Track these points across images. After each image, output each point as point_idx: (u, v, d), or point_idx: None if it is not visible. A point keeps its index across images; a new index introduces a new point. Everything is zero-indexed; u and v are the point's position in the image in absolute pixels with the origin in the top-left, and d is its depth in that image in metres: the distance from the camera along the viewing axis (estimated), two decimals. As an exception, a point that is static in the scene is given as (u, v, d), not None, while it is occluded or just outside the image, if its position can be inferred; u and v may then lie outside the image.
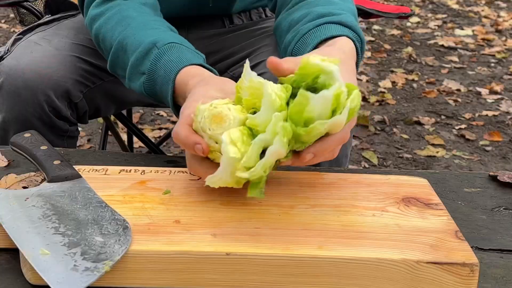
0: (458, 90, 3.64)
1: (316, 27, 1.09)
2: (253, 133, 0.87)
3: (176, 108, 1.07)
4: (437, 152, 2.92)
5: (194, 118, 0.91)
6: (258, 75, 1.32)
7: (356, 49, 1.06)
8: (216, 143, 0.89)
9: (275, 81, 0.90)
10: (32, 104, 1.25)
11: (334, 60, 0.85)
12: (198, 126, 0.90)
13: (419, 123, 3.22)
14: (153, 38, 1.12)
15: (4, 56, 1.31)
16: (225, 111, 0.88)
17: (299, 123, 0.84)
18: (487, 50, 4.38)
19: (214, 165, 0.89)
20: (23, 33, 1.40)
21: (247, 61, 0.92)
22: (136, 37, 1.13)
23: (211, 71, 1.09)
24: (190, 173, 0.99)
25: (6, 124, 1.27)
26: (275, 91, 0.85)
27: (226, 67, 1.45)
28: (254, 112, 0.88)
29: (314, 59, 0.85)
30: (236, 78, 1.00)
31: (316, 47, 1.07)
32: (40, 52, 1.27)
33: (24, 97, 1.24)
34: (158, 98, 1.12)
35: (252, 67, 1.36)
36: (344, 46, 1.04)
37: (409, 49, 4.33)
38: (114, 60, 1.17)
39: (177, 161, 1.13)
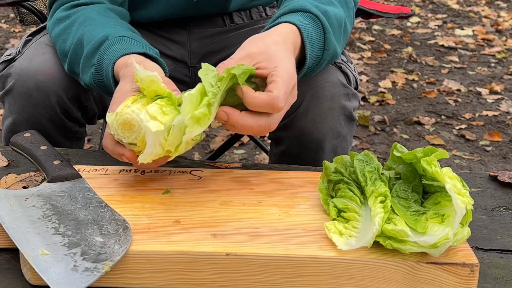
0: (458, 90, 3.64)
1: (274, 20, 1.12)
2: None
3: None
4: (437, 152, 2.90)
5: (110, 132, 0.95)
6: None
7: (299, 28, 1.07)
8: (135, 144, 0.94)
9: None
10: (44, 105, 1.24)
11: (469, 199, 0.83)
12: (116, 138, 0.95)
13: (419, 123, 3.22)
14: (107, 32, 1.14)
15: (16, 58, 1.30)
16: (130, 116, 0.92)
17: None
18: (487, 50, 4.37)
19: (125, 149, 0.95)
20: (32, 35, 1.39)
21: (133, 59, 0.98)
22: (92, 33, 1.16)
23: (156, 60, 1.11)
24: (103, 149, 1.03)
25: (17, 126, 1.26)
26: (157, 123, 0.90)
27: (229, 66, 1.45)
28: (157, 99, 0.94)
29: (448, 185, 0.83)
30: None
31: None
32: (52, 53, 1.27)
33: (36, 99, 1.24)
34: (106, 88, 1.14)
35: None
36: (280, 30, 1.06)
37: (409, 49, 4.33)
38: (73, 57, 1.19)
39: (177, 161, 1.13)
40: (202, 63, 0.93)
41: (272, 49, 0.99)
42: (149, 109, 0.91)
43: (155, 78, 0.93)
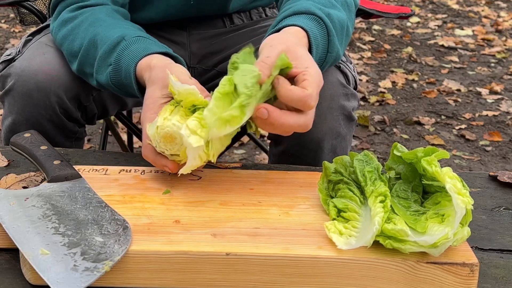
0: (458, 90, 3.64)
1: (279, 21, 1.13)
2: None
3: (143, 95, 1.09)
4: (437, 152, 2.90)
5: (152, 144, 0.98)
6: None
7: (306, 31, 1.08)
8: (178, 155, 0.96)
9: None
10: (44, 105, 1.25)
11: (469, 199, 0.83)
12: (158, 150, 0.97)
13: (419, 123, 3.22)
14: (122, 32, 1.16)
15: (16, 58, 1.30)
16: (171, 129, 0.94)
17: None
18: (487, 50, 4.37)
19: (168, 161, 0.98)
20: (32, 35, 1.39)
21: (169, 72, 0.99)
22: (106, 33, 1.17)
23: (175, 59, 1.12)
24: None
25: (16, 126, 1.26)
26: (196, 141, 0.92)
27: (229, 67, 1.45)
28: (194, 109, 0.96)
29: (448, 185, 0.83)
30: None
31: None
32: (52, 53, 1.27)
33: (35, 99, 1.24)
34: (124, 88, 1.15)
35: None
36: (296, 34, 1.07)
37: (409, 49, 4.33)
38: (84, 57, 1.20)
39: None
40: (241, 65, 0.93)
41: (299, 50, 1.00)
42: (190, 124, 0.93)
43: (193, 91, 0.95)
